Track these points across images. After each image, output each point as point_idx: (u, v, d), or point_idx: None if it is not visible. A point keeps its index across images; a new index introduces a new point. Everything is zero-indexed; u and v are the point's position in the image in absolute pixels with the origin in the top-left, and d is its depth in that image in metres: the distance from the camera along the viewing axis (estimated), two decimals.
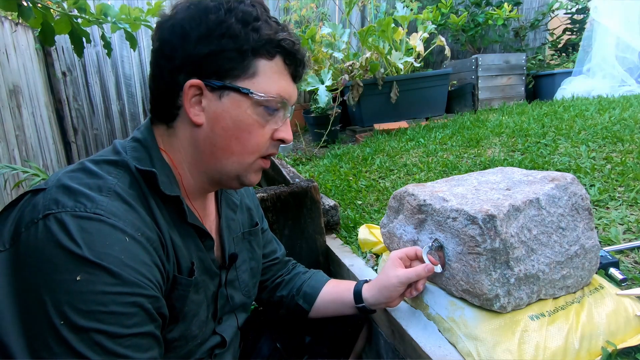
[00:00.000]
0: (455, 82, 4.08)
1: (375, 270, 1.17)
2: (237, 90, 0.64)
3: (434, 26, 3.74)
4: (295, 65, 0.69)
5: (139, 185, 0.63)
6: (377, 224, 1.35)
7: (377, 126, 3.35)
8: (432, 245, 0.89)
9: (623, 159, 1.64)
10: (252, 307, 1.69)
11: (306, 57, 0.71)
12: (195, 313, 0.70)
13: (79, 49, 1.88)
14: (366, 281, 0.94)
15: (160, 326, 0.59)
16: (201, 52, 0.62)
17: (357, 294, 0.91)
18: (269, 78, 0.66)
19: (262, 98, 0.65)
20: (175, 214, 0.67)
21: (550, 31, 4.86)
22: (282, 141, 0.71)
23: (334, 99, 3.25)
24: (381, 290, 0.87)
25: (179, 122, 0.67)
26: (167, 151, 0.68)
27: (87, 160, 0.63)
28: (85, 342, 0.49)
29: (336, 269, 1.40)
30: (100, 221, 0.54)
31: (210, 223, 0.78)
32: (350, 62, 3.44)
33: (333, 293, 0.95)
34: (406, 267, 0.88)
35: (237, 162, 0.68)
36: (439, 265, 0.89)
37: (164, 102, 0.67)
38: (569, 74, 3.98)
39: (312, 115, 3.44)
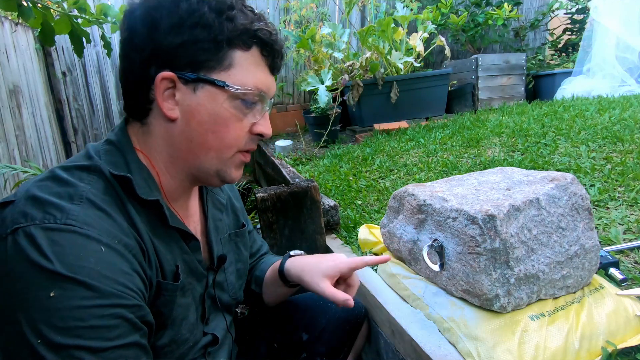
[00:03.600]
0: (455, 82, 4.08)
1: (376, 270, 1.17)
2: (212, 82, 0.61)
3: (434, 26, 3.74)
4: (273, 56, 0.67)
5: (114, 190, 0.60)
6: (377, 224, 1.35)
7: (377, 126, 3.35)
8: (432, 244, 0.89)
9: (623, 159, 1.64)
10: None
11: (284, 48, 0.68)
12: (184, 317, 0.68)
13: (79, 49, 1.88)
14: (290, 255, 0.91)
15: (146, 334, 0.57)
16: (173, 42, 0.59)
17: (282, 275, 0.88)
18: (245, 70, 0.63)
19: (238, 91, 0.62)
20: (155, 218, 0.64)
21: (550, 31, 4.86)
22: (261, 135, 0.68)
23: (334, 99, 3.25)
24: (298, 280, 0.85)
25: (153, 118, 0.64)
26: (143, 150, 0.65)
27: (58, 167, 0.60)
28: (65, 359, 0.47)
29: None
30: (72, 232, 0.51)
31: (194, 224, 0.76)
32: (350, 62, 3.44)
33: (270, 277, 0.92)
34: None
35: (215, 158, 0.65)
36: (438, 264, 0.89)
37: (136, 97, 0.64)
38: (569, 74, 3.98)
39: (312, 115, 3.44)
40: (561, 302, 0.84)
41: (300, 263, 0.86)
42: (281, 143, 3.31)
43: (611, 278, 0.93)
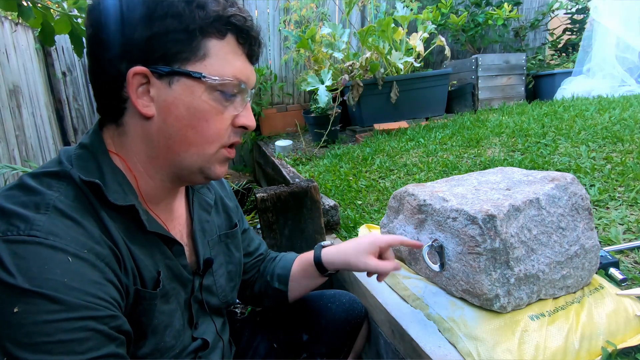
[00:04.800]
0: (455, 82, 4.08)
1: None
2: (188, 75, 0.58)
3: (434, 26, 3.74)
4: (250, 43, 0.63)
5: (85, 197, 0.57)
6: (377, 224, 1.35)
7: (377, 126, 3.35)
8: (432, 244, 0.89)
9: (623, 159, 1.64)
10: (249, 308, 1.69)
11: (261, 34, 0.66)
12: (168, 324, 0.65)
13: (79, 49, 1.87)
14: (322, 246, 0.93)
15: (124, 343, 0.55)
16: (142, 35, 0.56)
17: (319, 265, 0.90)
18: (221, 59, 0.60)
19: (216, 81, 0.59)
20: (132, 224, 0.61)
21: (550, 31, 4.86)
22: (245, 128, 0.65)
23: (334, 99, 3.25)
24: (344, 265, 0.88)
25: (128, 117, 0.61)
26: (120, 153, 0.62)
27: (27, 174, 0.57)
28: None
29: None
30: (37, 243, 0.49)
31: (179, 227, 0.73)
32: (350, 62, 3.44)
33: (300, 271, 0.94)
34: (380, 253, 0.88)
35: (196, 154, 0.62)
36: (439, 264, 0.89)
37: (108, 97, 0.60)
38: (569, 74, 3.99)
39: (312, 115, 3.44)
40: (561, 302, 0.84)
41: (342, 250, 0.89)
42: (281, 143, 3.31)
43: (611, 278, 0.93)
